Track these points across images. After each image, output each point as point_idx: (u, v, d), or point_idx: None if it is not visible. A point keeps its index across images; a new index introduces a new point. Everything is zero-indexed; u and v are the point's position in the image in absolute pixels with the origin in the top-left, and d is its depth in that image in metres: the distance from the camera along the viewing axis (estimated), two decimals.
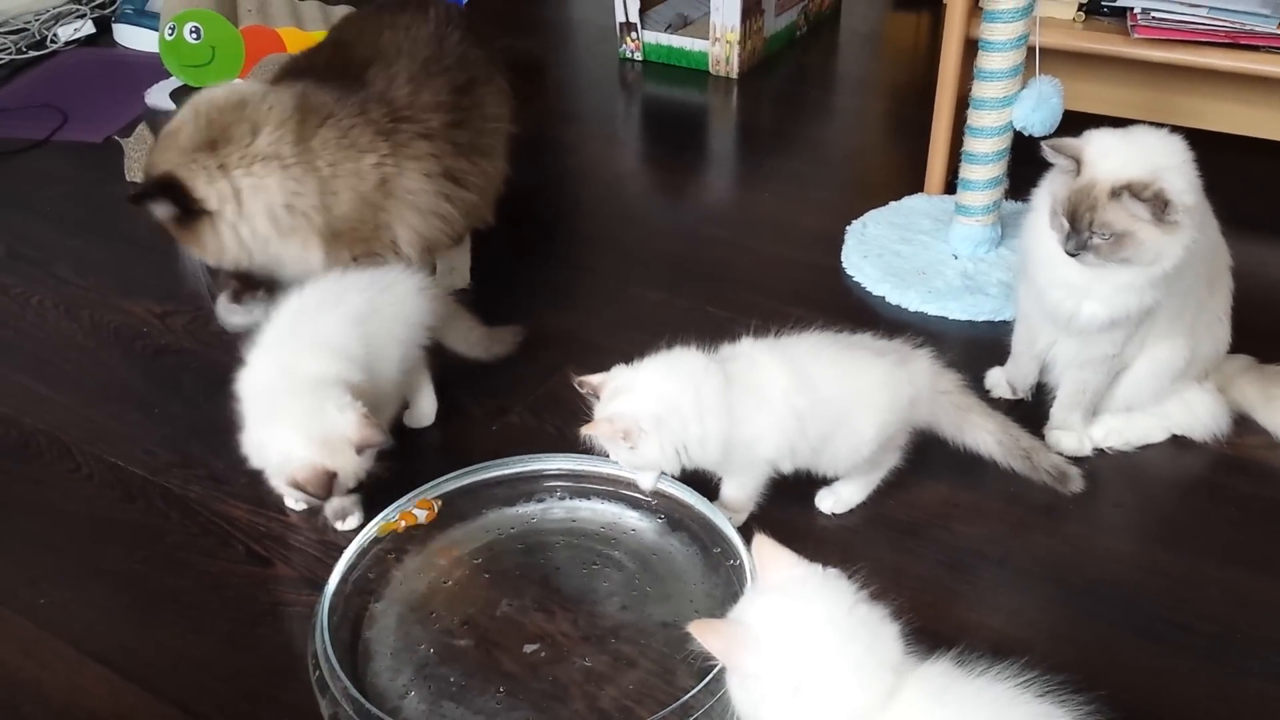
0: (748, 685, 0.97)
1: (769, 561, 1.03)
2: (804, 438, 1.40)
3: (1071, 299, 1.50)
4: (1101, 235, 1.40)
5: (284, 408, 1.39)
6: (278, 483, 1.45)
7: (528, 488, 1.53)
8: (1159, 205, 1.36)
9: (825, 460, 1.45)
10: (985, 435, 1.50)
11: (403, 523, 1.45)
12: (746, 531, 1.39)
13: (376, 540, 1.43)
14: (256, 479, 1.55)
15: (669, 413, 1.35)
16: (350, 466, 1.39)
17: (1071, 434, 1.60)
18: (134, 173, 2.45)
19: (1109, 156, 1.41)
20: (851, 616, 0.97)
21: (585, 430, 1.38)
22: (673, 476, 1.43)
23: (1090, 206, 1.40)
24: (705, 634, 0.98)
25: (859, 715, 0.93)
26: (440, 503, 1.48)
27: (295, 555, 1.48)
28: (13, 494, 1.62)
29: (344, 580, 1.36)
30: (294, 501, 1.52)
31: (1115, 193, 1.38)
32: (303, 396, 1.39)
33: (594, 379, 1.41)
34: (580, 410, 1.69)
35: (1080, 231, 1.41)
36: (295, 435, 1.37)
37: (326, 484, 1.37)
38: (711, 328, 1.49)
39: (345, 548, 1.40)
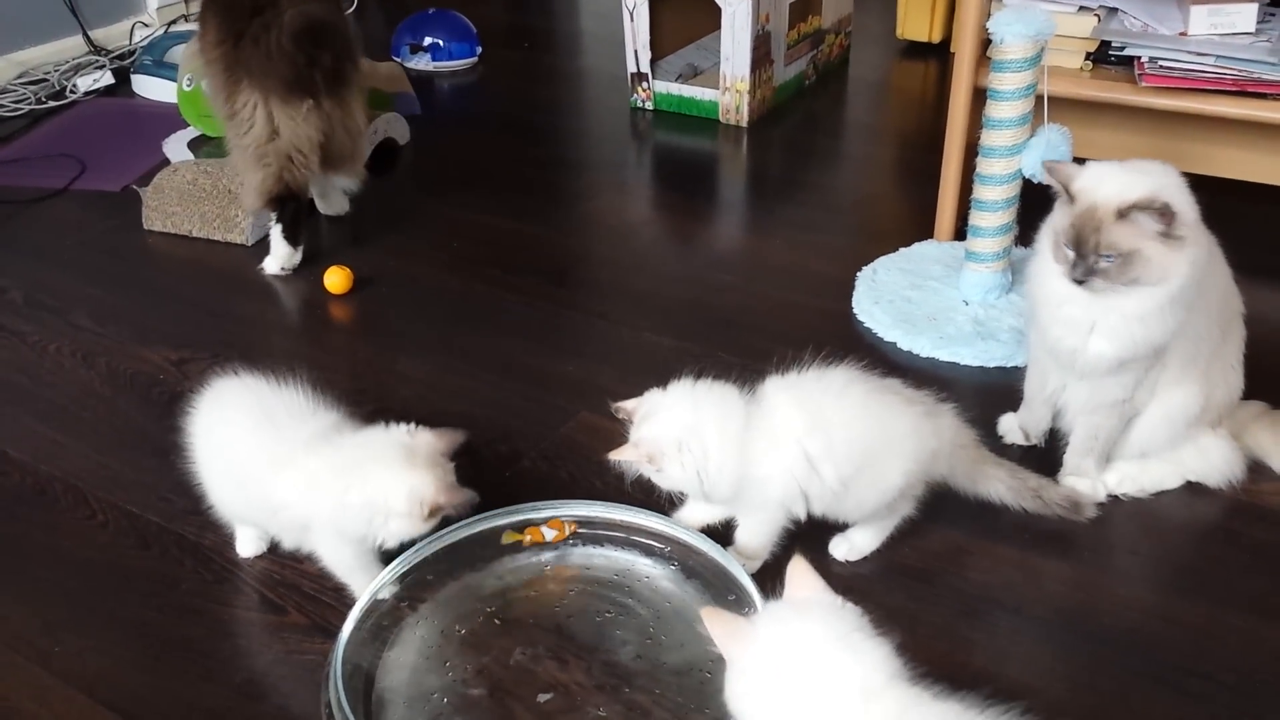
0: (735, 677, 1.02)
1: (798, 580, 1.08)
2: (819, 481, 1.40)
3: (1075, 336, 1.50)
4: (1108, 258, 1.41)
5: (376, 448, 1.38)
6: (410, 514, 1.36)
7: None
8: (1167, 218, 1.38)
9: (849, 505, 1.44)
10: (996, 484, 1.51)
11: (528, 537, 1.48)
12: (759, 578, 1.39)
13: (390, 587, 1.43)
14: None
15: (689, 438, 1.37)
16: (454, 478, 1.40)
17: (1085, 480, 1.60)
18: (151, 221, 2.48)
19: (1109, 181, 1.44)
20: (845, 640, 1.00)
21: (613, 455, 1.40)
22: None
23: (1095, 229, 1.42)
24: (711, 620, 1.05)
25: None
26: (575, 526, 1.51)
27: (309, 603, 1.48)
28: (28, 541, 1.62)
29: (358, 628, 1.36)
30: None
31: (1122, 213, 1.40)
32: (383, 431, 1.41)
33: (629, 404, 1.44)
34: (593, 456, 1.70)
35: (1086, 256, 1.42)
36: (404, 463, 1.36)
37: (462, 495, 1.38)
38: (724, 374, 1.49)
39: (359, 596, 1.40)
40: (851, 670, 0.97)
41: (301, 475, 1.37)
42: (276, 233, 2.28)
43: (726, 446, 1.37)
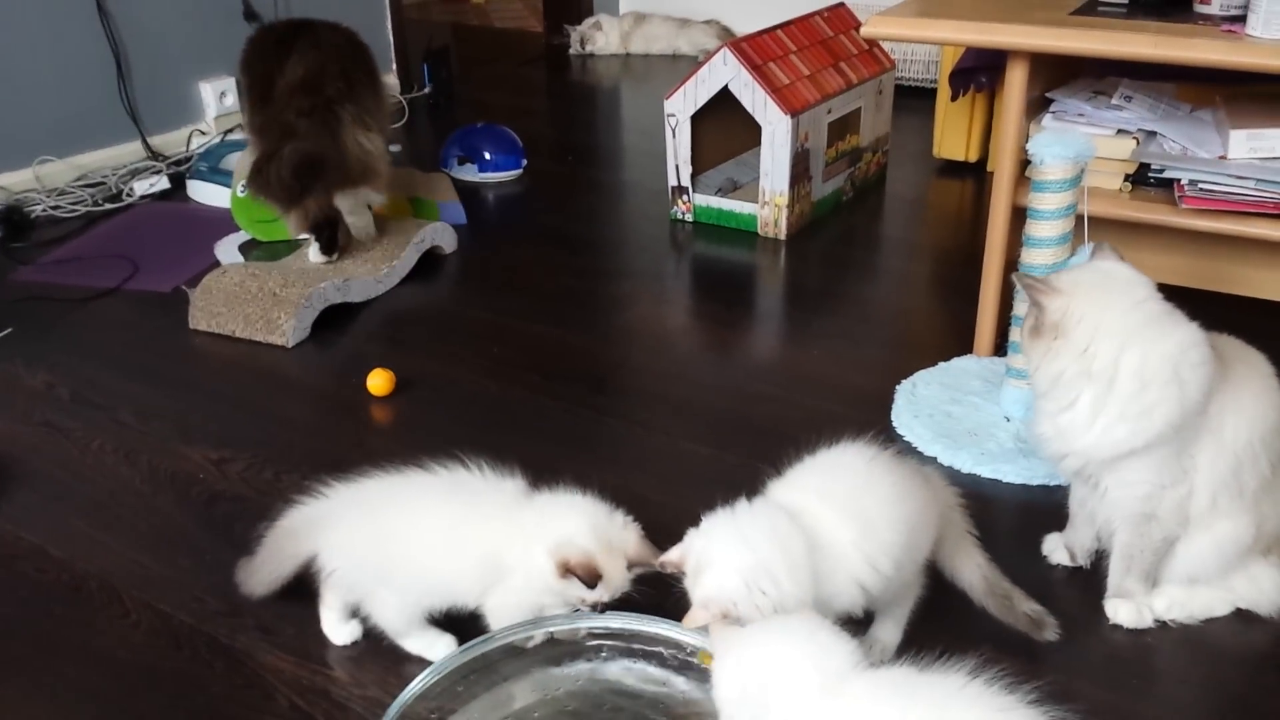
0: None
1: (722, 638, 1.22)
2: (878, 576, 1.38)
3: (1052, 430, 1.55)
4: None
5: (575, 506, 1.48)
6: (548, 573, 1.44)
7: (575, 647, 1.51)
8: (1036, 307, 1.50)
9: (895, 586, 1.44)
10: (973, 566, 1.53)
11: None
12: None
13: (422, 698, 1.41)
14: (304, 629, 1.55)
15: (756, 576, 1.28)
16: (617, 578, 1.44)
17: (1130, 604, 1.56)
18: (197, 321, 2.52)
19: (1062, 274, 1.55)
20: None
21: (685, 623, 1.32)
22: None
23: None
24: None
25: None
26: None
27: (339, 711, 1.46)
28: (61, 638, 1.62)
29: None
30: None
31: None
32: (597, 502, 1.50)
33: (673, 556, 1.36)
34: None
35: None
36: (584, 526, 1.44)
37: (595, 578, 1.43)
38: (761, 484, 1.48)
39: (389, 705, 1.38)
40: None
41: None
42: (314, 244, 2.68)
43: (798, 574, 1.30)
